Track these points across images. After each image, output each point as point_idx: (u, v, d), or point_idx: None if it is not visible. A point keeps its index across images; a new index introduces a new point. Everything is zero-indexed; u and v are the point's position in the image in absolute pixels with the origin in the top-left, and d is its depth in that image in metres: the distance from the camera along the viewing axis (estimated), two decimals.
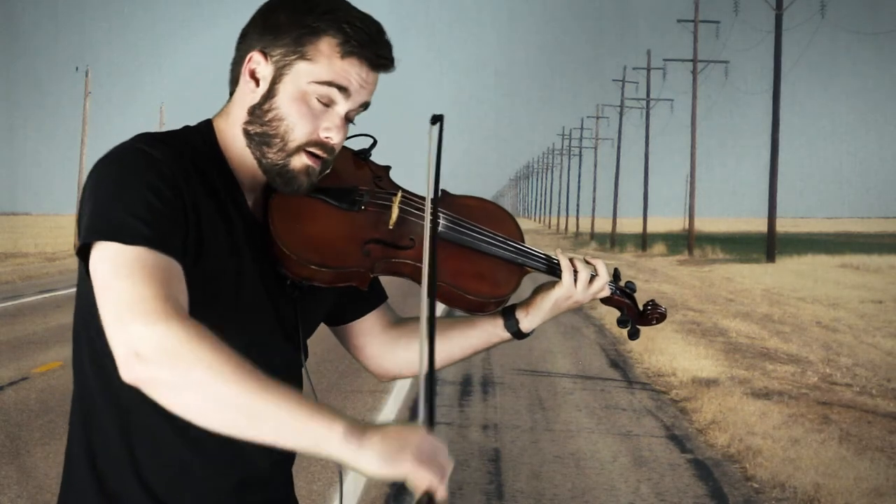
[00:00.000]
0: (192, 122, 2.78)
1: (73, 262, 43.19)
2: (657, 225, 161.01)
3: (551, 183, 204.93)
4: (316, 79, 2.66)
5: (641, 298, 3.19)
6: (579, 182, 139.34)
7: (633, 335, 3.13)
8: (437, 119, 2.64)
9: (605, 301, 3.09)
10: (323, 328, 3.01)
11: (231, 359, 2.33)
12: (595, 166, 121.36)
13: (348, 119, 2.71)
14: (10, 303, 24.98)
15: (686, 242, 69.42)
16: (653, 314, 3.13)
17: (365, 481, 9.44)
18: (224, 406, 2.31)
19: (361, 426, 2.31)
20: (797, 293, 33.70)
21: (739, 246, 79.93)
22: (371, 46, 2.68)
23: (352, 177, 2.85)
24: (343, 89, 2.67)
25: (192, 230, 2.58)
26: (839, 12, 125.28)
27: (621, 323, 3.12)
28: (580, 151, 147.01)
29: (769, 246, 52.33)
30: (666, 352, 18.10)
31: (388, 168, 2.91)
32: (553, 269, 3.01)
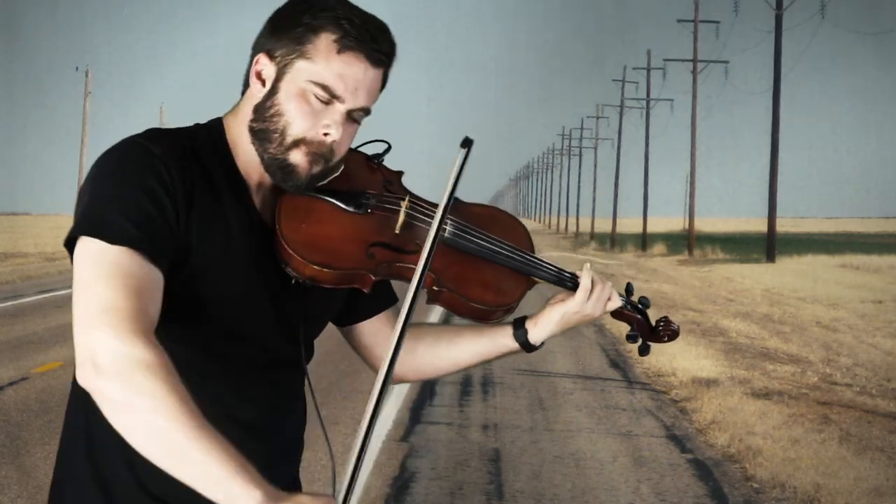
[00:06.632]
0: (192, 122, 2.82)
1: None
2: (657, 225, 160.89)
3: (551, 183, 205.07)
4: (313, 78, 2.70)
5: (646, 309, 3.14)
6: (579, 182, 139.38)
7: (643, 351, 3.09)
8: (467, 143, 2.78)
9: (615, 315, 3.07)
10: (327, 330, 3.01)
11: (178, 396, 2.40)
12: (595, 166, 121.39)
13: (353, 119, 2.73)
14: (10, 303, 24.98)
15: (686, 242, 69.41)
16: (665, 331, 3.10)
17: (364, 480, 9.43)
18: (157, 439, 2.39)
19: (276, 496, 2.37)
20: (797, 293, 33.70)
21: (739, 246, 79.89)
22: (369, 42, 2.70)
23: (363, 180, 2.86)
24: (337, 97, 2.69)
25: (182, 229, 2.62)
26: (839, 12, 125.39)
27: (630, 338, 3.08)
28: (580, 151, 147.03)
29: (769, 246, 52.34)
30: (666, 352, 18.10)
31: (400, 173, 2.92)
32: (561, 281, 3.01)
